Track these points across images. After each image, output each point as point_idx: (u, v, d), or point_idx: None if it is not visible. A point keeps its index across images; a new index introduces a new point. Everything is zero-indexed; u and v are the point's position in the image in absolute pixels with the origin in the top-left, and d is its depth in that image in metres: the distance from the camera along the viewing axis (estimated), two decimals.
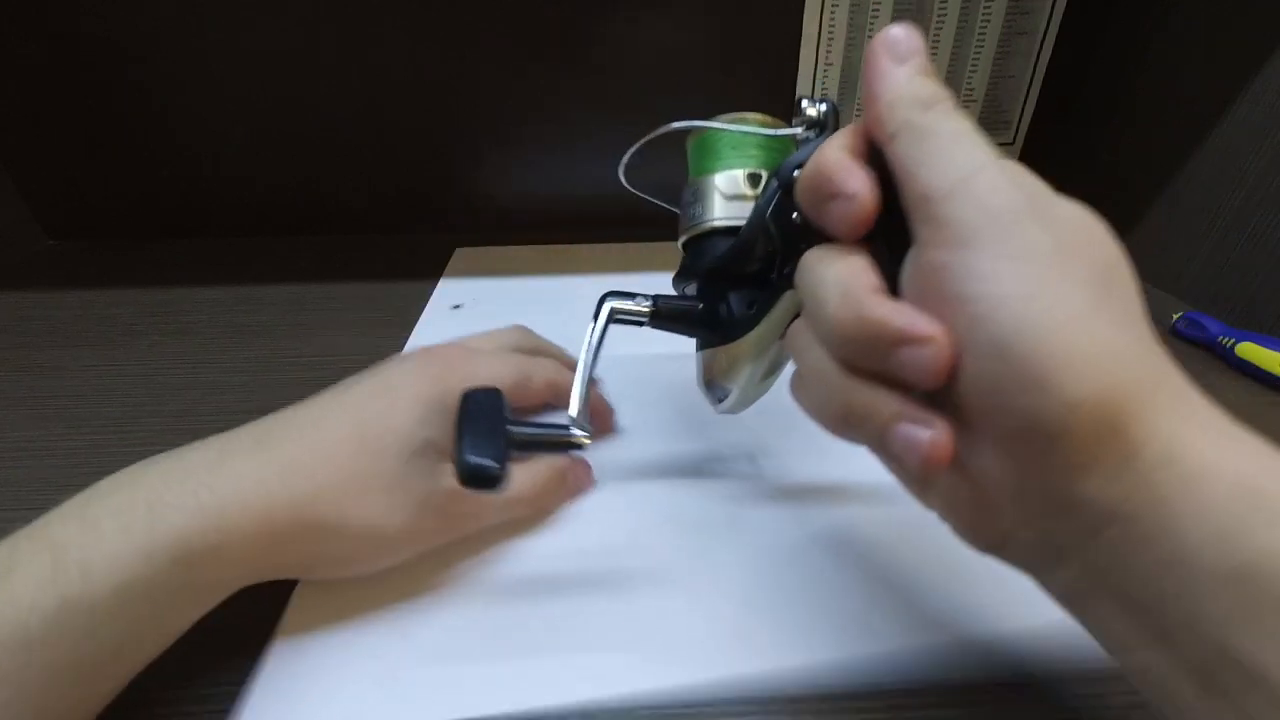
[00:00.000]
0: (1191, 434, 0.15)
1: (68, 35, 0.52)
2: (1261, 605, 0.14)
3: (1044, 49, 0.59)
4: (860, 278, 0.18)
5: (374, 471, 0.25)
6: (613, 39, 0.56)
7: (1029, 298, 0.15)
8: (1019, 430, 0.16)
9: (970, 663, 0.25)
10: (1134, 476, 0.15)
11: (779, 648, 0.25)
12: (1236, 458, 0.15)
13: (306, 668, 0.25)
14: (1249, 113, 0.46)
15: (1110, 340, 0.15)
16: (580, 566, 0.29)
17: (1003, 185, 0.16)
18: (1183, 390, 0.16)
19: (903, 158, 0.18)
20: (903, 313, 0.17)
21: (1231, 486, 0.15)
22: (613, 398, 0.37)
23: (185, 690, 0.24)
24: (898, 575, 0.28)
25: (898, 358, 0.17)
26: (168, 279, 0.53)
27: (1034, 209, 0.16)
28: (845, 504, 0.32)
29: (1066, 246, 0.16)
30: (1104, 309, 0.16)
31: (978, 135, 0.17)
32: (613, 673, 0.25)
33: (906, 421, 0.17)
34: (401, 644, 0.26)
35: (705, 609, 0.27)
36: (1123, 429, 0.15)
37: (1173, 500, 0.15)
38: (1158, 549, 0.15)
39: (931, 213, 0.17)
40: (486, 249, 0.59)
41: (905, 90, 0.18)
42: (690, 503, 0.32)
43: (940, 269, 0.17)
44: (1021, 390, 0.15)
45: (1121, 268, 0.17)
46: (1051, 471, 0.16)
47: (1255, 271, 0.46)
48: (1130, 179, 0.56)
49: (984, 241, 0.16)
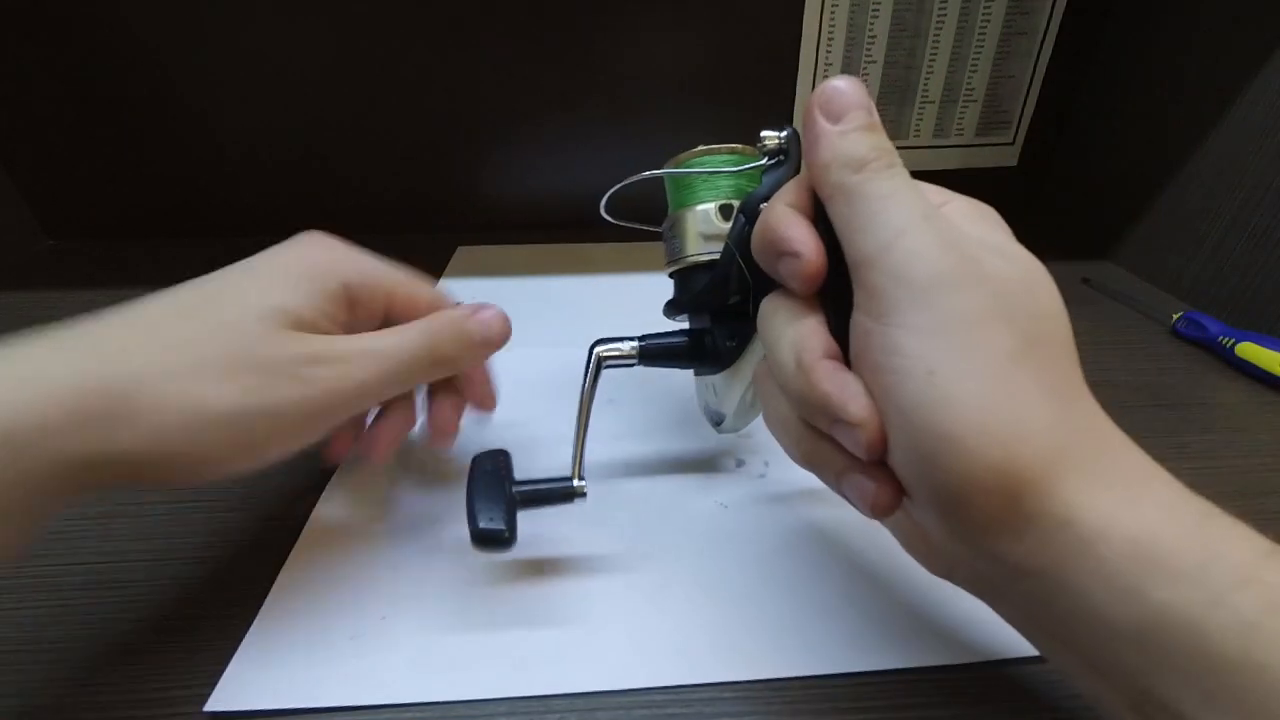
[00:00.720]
0: (1093, 497, 0.16)
1: (68, 35, 0.52)
2: (1171, 657, 0.14)
3: (1044, 49, 0.59)
4: (810, 341, 0.19)
5: (202, 339, 0.22)
6: (613, 40, 0.56)
7: (932, 374, 0.16)
8: (929, 491, 0.17)
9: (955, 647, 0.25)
10: (1036, 538, 0.16)
11: (766, 636, 0.25)
12: (1136, 517, 0.15)
13: (283, 645, 0.25)
14: (1249, 113, 0.46)
15: (1010, 414, 0.16)
16: (568, 560, 0.29)
17: (925, 250, 0.17)
18: (1092, 449, 0.17)
19: (838, 220, 0.18)
20: (844, 389, 0.18)
21: (1129, 546, 0.15)
22: (607, 399, 0.37)
23: (165, 678, 0.24)
24: (887, 573, 0.28)
25: (836, 431, 0.18)
26: (167, 279, 0.53)
27: (958, 273, 0.17)
28: (830, 504, 0.32)
29: (988, 311, 0.16)
30: (1015, 378, 0.16)
31: (910, 194, 0.17)
32: (595, 662, 0.25)
33: (857, 472, 0.18)
34: (379, 626, 0.26)
35: (696, 603, 0.27)
36: (1020, 498, 0.16)
37: (1073, 560, 0.16)
38: (1067, 603, 0.16)
39: (861, 278, 0.18)
40: (487, 248, 0.59)
41: (838, 151, 0.18)
42: (680, 500, 0.32)
43: (866, 335, 0.17)
44: (923, 460, 0.16)
45: (1050, 324, 0.17)
46: (968, 529, 0.17)
47: (1255, 271, 0.46)
48: (1130, 179, 0.56)
49: (899, 312, 0.17)
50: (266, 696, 0.23)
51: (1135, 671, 0.15)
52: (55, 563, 0.28)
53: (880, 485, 0.18)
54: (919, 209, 0.17)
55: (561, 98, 0.58)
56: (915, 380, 0.16)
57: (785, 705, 0.24)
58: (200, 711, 0.23)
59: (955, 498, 0.16)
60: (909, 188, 0.18)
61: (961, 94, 0.60)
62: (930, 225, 0.17)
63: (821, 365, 0.18)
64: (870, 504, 0.18)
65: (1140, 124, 0.55)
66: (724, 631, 0.26)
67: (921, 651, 0.25)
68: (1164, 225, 0.54)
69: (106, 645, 0.25)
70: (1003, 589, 0.18)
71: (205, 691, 0.23)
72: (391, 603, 0.27)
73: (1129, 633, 0.15)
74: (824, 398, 0.18)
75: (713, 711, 0.23)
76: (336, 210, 0.62)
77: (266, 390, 0.22)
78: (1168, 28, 0.52)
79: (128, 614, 0.26)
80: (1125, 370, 0.43)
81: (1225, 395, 0.40)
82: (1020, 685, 0.24)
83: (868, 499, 0.18)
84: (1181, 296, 0.51)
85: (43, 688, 0.24)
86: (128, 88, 0.55)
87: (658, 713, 0.23)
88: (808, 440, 0.20)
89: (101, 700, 0.23)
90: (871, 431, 0.17)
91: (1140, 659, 0.15)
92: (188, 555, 0.29)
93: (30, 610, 0.27)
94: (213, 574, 0.28)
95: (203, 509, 0.31)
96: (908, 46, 0.57)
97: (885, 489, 0.18)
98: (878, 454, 0.17)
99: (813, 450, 0.20)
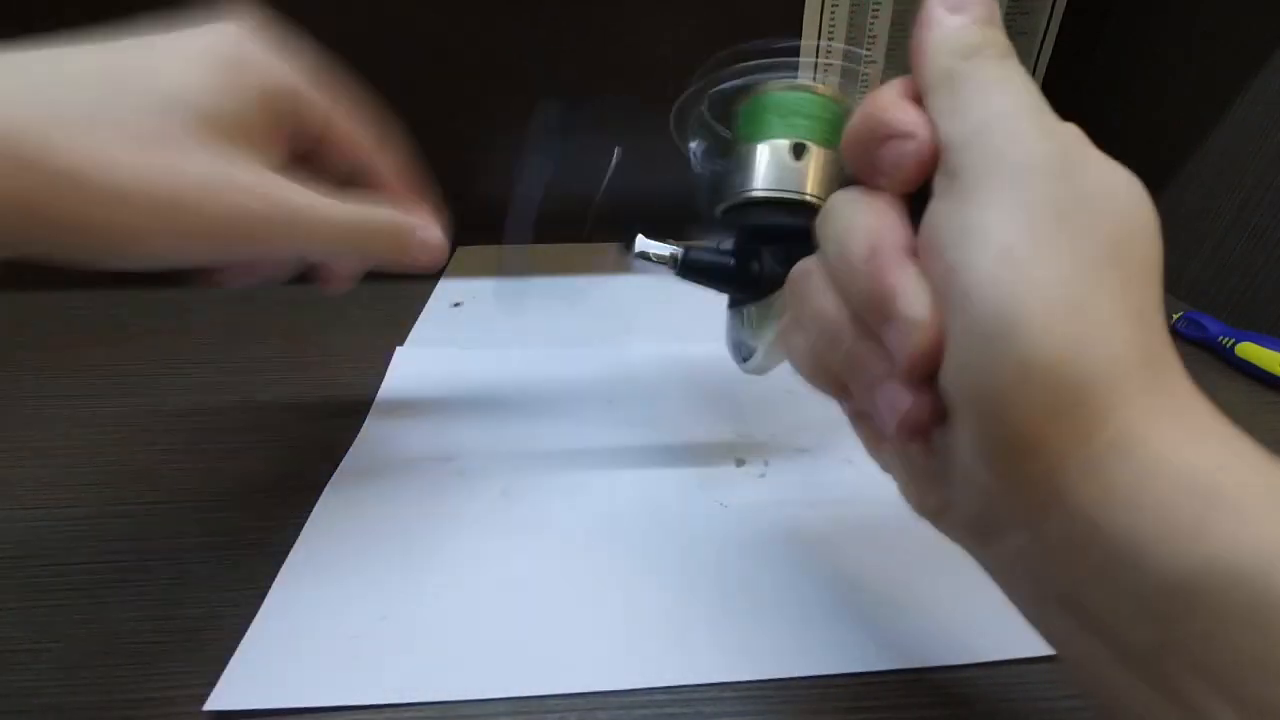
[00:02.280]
0: (1156, 425, 0.14)
1: (68, 36, 0.52)
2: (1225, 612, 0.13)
3: (1044, 49, 0.59)
4: (891, 234, 0.17)
5: (133, 112, 0.20)
6: (613, 39, 0.56)
7: (1011, 251, 0.14)
8: (973, 393, 0.15)
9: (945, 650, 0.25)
10: (1083, 464, 0.14)
11: (766, 636, 0.25)
12: (1202, 452, 0.14)
13: (283, 644, 0.25)
14: (1249, 113, 0.46)
15: (1089, 309, 0.14)
16: (568, 559, 0.29)
17: (1027, 135, 0.15)
18: (1161, 377, 0.15)
19: (936, 108, 0.17)
20: (912, 283, 0.16)
21: (1190, 480, 0.13)
22: (606, 399, 0.37)
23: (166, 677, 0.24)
24: (888, 573, 0.28)
25: (890, 330, 0.16)
26: (168, 279, 0.53)
27: (1058, 164, 0.15)
28: (831, 504, 0.32)
29: (1081, 209, 0.15)
30: (1096, 278, 0.15)
31: (1022, 82, 0.16)
32: (595, 662, 0.25)
33: (896, 383, 0.17)
34: (379, 626, 0.26)
35: (696, 603, 0.27)
36: (1078, 408, 0.14)
37: (1124, 493, 0.14)
38: (1102, 547, 0.14)
39: (948, 161, 0.16)
40: (487, 248, 0.59)
41: (949, 39, 0.17)
42: (680, 499, 0.32)
43: (942, 217, 0.16)
44: (980, 349, 0.15)
45: (1143, 244, 0.16)
46: (1009, 443, 0.15)
47: (1255, 271, 0.46)
48: None
49: (987, 191, 0.15)
50: (266, 696, 0.23)
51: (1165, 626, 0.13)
52: (55, 563, 0.28)
53: (919, 396, 0.16)
54: (1030, 97, 0.16)
55: (561, 97, 0.58)
56: (990, 254, 0.14)
57: (786, 705, 0.24)
58: (200, 711, 0.23)
59: (1007, 397, 0.14)
60: (1021, 76, 0.17)
61: None
62: (1039, 114, 0.16)
63: (899, 257, 0.17)
64: (902, 416, 0.16)
65: (1140, 124, 0.55)
66: (724, 631, 0.26)
67: (922, 652, 0.25)
68: (1164, 225, 0.53)
69: (106, 645, 0.25)
70: (1010, 533, 0.16)
71: (205, 691, 0.23)
72: (391, 602, 0.27)
73: (1172, 582, 0.13)
74: (889, 289, 0.16)
75: (713, 711, 0.23)
76: None
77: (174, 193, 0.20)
78: (1167, 28, 0.52)
79: (127, 614, 0.26)
80: None
81: (1225, 395, 0.40)
82: (1020, 685, 0.24)
83: (901, 409, 0.16)
84: (1181, 296, 0.51)
85: (42, 687, 0.24)
86: None
87: (658, 712, 0.23)
88: (850, 341, 0.18)
89: (101, 700, 0.23)
90: (929, 333, 0.15)
91: (1178, 611, 0.13)
92: (187, 555, 0.29)
93: (30, 610, 0.27)
94: (213, 573, 0.28)
95: (203, 508, 0.31)
96: (908, 46, 0.57)
97: (923, 400, 0.16)
98: (925, 363, 0.16)
99: (854, 354, 0.18)
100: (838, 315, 0.18)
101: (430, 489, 0.33)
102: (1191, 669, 0.13)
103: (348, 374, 0.40)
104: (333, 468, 0.34)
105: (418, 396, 0.39)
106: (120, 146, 0.19)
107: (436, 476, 0.33)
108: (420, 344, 0.45)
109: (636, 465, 0.34)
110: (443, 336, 0.46)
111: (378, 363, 0.42)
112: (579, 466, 0.34)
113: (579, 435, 0.36)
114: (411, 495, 0.32)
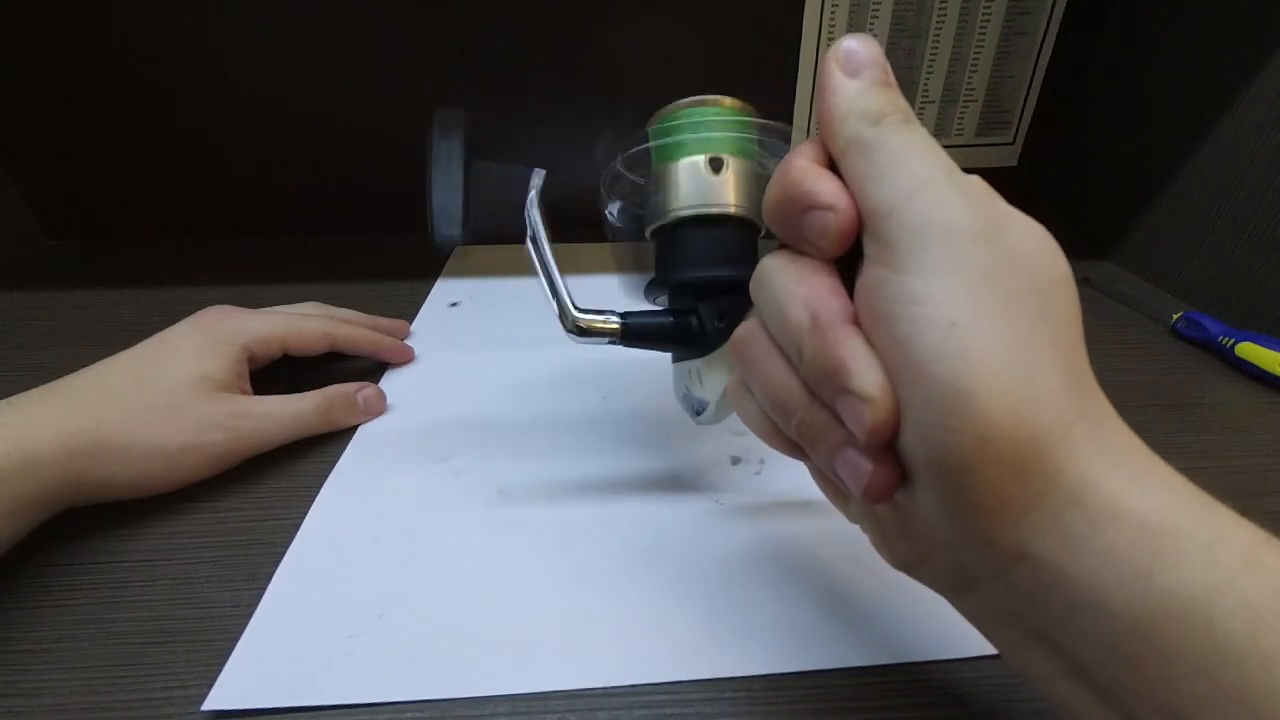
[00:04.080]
0: (1102, 473, 0.15)
1: (68, 35, 0.52)
2: (1174, 648, 0.14)
3: (1044, 49, 0.59)
4: (830, 302, 0.18)
5: (152, 402, 0.31)
6: (612, 39, 0.56)
7: (953, 325, 0.15)
8: (935, 461, 0.16)
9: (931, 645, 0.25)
10: (1043, 517, 0.15)
11: (763, 632, 0.25)
12: (1146, 497, 0.15)
13: (280, 644, 0.25)
14: (1249, 113, 0.46)
15: (1028, 375, 0.15)
16: (565, 558, 0.29)
17: (948, 201, 0.16)
18: (1098, 426, 0.16)
19: (852, 174, 0.17)
20: (860, 358, 0.16)
21: (1138, 528, 0.14)
22: (601, 396, 0.37)
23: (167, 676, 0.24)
24: (884, 569, 0.28)
25: (842, 403, 0.17)
26: (168, 279, 0.53)
27: (979, 227, 0.16)
28: (827, 501, 0.32)
29: (1010, 271, 0.16)
30: (1030, 340, 0.15)
31: (930, 148, 0.17)
32: (594, 660, 0.25)
33: (854, 449, 0.17)
34: (377, 625, 0.26)
35: (694, 600, 0.27)
36: (1031, 469, 0.15)
37: (1080, 541, 0.15)
38: (1065, 591, 0.15)
39: (875, 229, 0.17)
40: (485, 248, 0.60)
41: (855, 104, 0.18)
42: (675, 497, 0.32)
43: (877, 287, 0.16)
44: (934, 421, 0.15)
45: (1063, 296, 0.17)
46: (971, 506, 0.16)
47: (1255, 271, 0.46)
48: (1130, 179, 0.56)
49: (922, 260, 0.16)
50: (265, 695, 0.23)
51: (1128, 667, 0.14)
52: (54, 563, 0.28)
53: (878, 465, 0.17)
54: (943, 163, 0.17)
55: (560, 98, 0.58)
56: (936, 330, 0.15)
57: (783, 701, 0.24)
58: (199, 710, 0.23)
59: (964, 465, 0.15)
60: (929, 142, 0.17)
61: (961, 94, 0.60)
62: (955, 179, 0.16)
63: (844, 328, 0.17)
64: (865, 485, 0.17)
65: (1140, 124, 0.55)
66: (721, 628, 0.26)
67: (920, 646, 0.25)
68: (1164, 225, 0.54)
69: (106, 645, 0.25)
70: (983, 581, 0.17)
71: (204, 691, 0.23)
72: (389, 601, 0.27)
73: (1130, 622, 0.14)
74: (839, 363, 0.17)
75: (712, 710, 0.24)
76: (336, 210, 0.62)
77: (198, 434, 0.31)
78: (1168, 28, 0.52)
79: (127, 614, 0.26)
80: (1125, 370, 0.42)
81: (1225, 395, 0.40)
82: (1020, 682, 0.24)
83: (863, 479, 0.17)
84: (1181, 296, 0.51)
85: (42, 687, 0.24)
86: (128, 88, 0.55)
87: (657, 710, 0.23)
88: (803, 409, 0.18)
89: (101, 700, 0.24)
90: (882, 411, 0.16)
91: (1138, 652, 0.14)
92: (186, 555, 0.29)
93: (29, 611, 0.27)
94: (211, 573, 0.28)
95: (201, 509, 0.31)
96: (908, 46, 0.57)
97: (883, 470, 0.17)
98: (883, 437, 0.16)
99: (806, 420, 0.18)
100: (786, 381, 0.19)
101: (427, 488, 0.33)
102: (1156, 711, 0.14)
103: (346, 374, 0.40)
104: (330, 467, 0.34)
105: (415, 396, 0.40)
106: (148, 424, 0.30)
107: (433, 476, 0.34)
108: (418, 344, 0.45)
109: (632, 464, 0.34)
110: (440, 335, 0.47)
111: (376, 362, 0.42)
112: (575, 465, 0.34)
113: (575, 434, 0.36)
114: (409, 495, 0.32)
